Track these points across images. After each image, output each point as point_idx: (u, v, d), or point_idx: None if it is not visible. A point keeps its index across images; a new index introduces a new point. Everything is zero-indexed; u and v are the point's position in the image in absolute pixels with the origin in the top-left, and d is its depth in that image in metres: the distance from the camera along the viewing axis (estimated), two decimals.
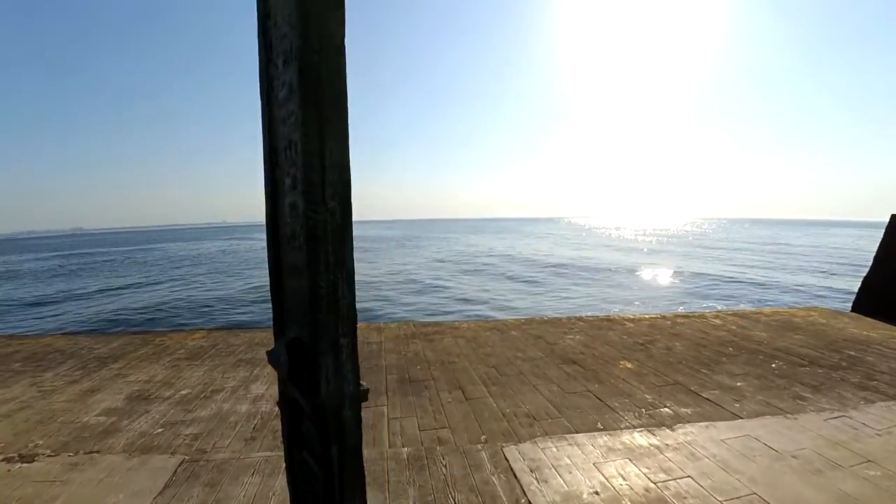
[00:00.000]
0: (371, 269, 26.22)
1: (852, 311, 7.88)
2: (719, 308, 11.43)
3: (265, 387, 4.32)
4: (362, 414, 1.16)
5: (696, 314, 7.28)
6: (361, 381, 1.48)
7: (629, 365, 4.71)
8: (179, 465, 2.90)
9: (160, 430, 3.48)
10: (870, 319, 7.04)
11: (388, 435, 3.23)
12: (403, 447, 3.03)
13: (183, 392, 4.32)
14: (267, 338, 6.20)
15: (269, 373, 4.67)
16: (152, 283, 22.02)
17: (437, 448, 3.00)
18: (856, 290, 8.10)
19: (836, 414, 3.42)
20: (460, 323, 6.59)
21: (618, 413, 3.55)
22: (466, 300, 16.11)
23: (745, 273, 22.60)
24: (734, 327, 6.39)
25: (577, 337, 5.76)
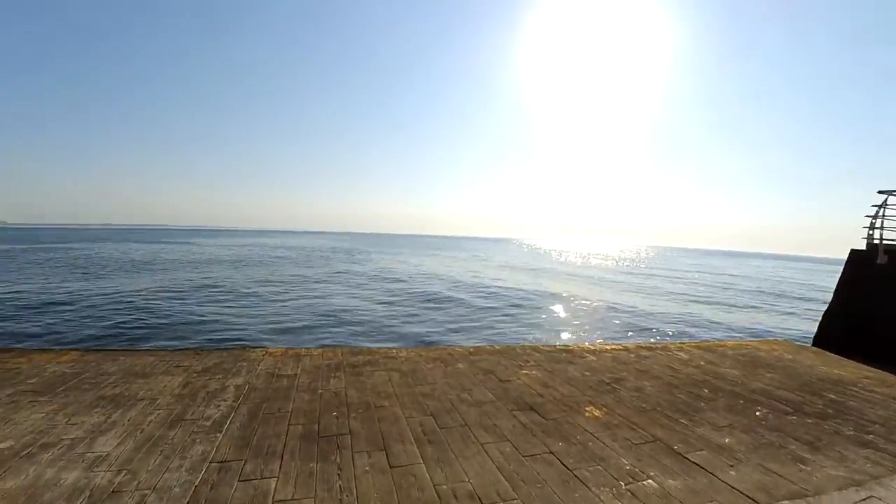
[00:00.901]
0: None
1: (814, 345, 7.56)
2: (682, 340, 10.73)
3: (116, 441, 3.11)
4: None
5: (659, 345, 6.64)
6: None
7: (597, 412, 3.87)
8: None
9: None
10: (833, 355, 6.67)
11: None
12: None
13: (1, 445, 3.05)
14: (152, 365, 4.91)
15: (132, 419, 3.46)
16: (26, 284, 18.89)
17: None
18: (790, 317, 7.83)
19: (862, 495, 2.70)
20: (398, 351, 5.56)
21: (591, 490, 2.66)
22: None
23: (695, 305, 22.56)
24: (702, 363, 5.76)
25: (534, 372, 4.89)
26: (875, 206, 7.64)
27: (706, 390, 4.67)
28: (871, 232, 7.72)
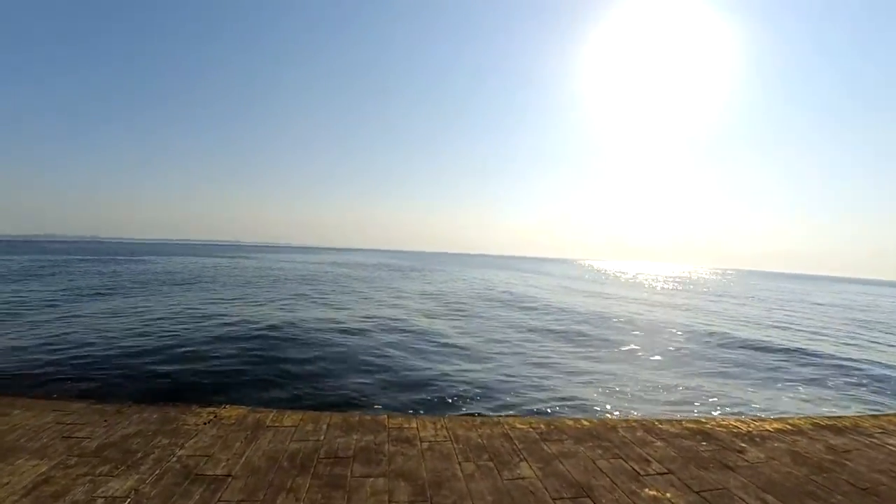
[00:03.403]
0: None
1: None
2: (861, 404, 6.35)
3: None
4: None
5: (848, 422, 4.11)
6: None
7: None
8: None
9: None
10: None
11: None
12: None
13: None
14: (37, 430, 3.13)
15: None
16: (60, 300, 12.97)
17: None
18: None
19: None
20: (419, 423, 3.40)
21: None
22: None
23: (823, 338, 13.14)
24: None
25: (668, 495, 2.59)
26: None
27: None
28: None
